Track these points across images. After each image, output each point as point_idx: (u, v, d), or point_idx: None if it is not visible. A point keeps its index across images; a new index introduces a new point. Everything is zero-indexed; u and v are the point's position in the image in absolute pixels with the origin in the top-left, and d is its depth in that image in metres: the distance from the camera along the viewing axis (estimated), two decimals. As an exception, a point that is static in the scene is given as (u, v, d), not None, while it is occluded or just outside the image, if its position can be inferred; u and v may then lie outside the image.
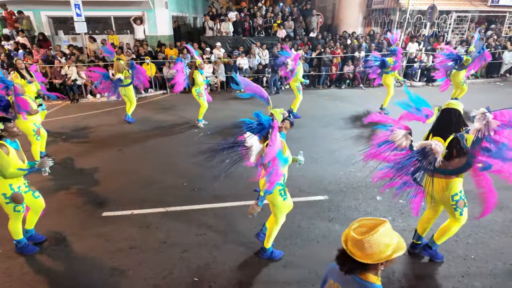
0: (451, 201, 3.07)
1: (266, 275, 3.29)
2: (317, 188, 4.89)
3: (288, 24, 13.61)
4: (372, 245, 1.49)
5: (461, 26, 14.02)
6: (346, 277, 1.64)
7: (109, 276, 3.31)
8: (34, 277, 3.31)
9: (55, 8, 11.87)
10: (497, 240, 3.72)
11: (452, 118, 2.96)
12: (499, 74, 12.84)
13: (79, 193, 4.84)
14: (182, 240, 3.82)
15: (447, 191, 3.04)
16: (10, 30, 11.65)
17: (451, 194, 3.04)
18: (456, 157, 2.86)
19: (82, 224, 4.13)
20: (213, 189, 4.91)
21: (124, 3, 12.16)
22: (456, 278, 3.21)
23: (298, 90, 7.93)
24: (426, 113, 3.05)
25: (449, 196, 3.05)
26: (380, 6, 14.64)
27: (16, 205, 3.35)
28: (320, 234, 3.87)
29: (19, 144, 3.42)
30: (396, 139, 2.96)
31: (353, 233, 1.55)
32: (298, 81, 7.88)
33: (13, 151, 3.23)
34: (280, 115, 2.97)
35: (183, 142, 6.86)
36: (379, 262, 1.52)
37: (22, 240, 3.61)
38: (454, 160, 2.87)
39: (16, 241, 3.58)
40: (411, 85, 12.00)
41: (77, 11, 9.80)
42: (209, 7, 15.02)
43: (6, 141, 3.23)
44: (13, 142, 3.31)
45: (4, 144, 3.19)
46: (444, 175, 2.98)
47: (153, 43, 12.56)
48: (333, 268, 1.79)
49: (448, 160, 2.86)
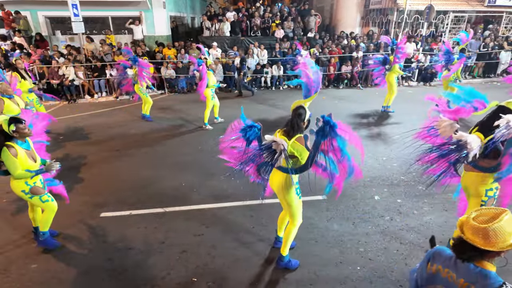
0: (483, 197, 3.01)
1: (265, 275, 3.29)
2: (314, 188, 4.88)
3: (287, 24, 13.63)
4: (497, 233, 1.51)
5: (458, 26, 14.07)
6: (460, 265, 1.65)
7: (107, 277, 3.31)
8: (32, 277, 3.30)
9: (52, 8, 11.84)
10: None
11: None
12: (496, 74, 12.91)
13: (77, 194, 4.82)
14: (181, 240, 3.82)
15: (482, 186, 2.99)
16: (7, 30, 11.60)
17: (485, 188, 2.99)
18: (491, 156, 2.83)
19: (80, 225, 4.12)
20: (211, 189, 4.92)
21: (121, 3, 12.15)
22: (454, 277, 3.23)
23: None
24: (476, 105, 2.98)
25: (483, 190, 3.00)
26: (378, 6, 14.69)
27: (40, 196, 3.40)
28: (318, 233, 3.87)
29: (30, 144, 3.41)
30: (441, 126, 2.96)
31: (475, 222, 1.56)
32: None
33: (22, 152, 3.23)
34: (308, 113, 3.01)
35: (182, 142, 6.85)
36: (502, 250, 1.54)
37: (46, 233, 3.65)
38: (487, 159, 2.85)
39: (42, 232, 3.64)
40: (408, 85, 12.05)
41: (75, 11, 9.79)
42: (207, 7, 15.02)
43: (17, 142, 3.23)
44: (23, 143, 3.30)
45: (13, 145, 3.19)
46: (479, 170, 2.95)
47: (151, 43, 12.54)
48: (439, 254, 1.78)
49: (483, 158, 2.85)
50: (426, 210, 4.31)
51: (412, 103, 9.46)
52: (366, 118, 8.15)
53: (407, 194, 4.69)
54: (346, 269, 3.34)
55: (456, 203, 4.43)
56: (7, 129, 3.14)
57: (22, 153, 3.22)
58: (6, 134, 3.17)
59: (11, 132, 3.16)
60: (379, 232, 3.89)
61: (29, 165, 3.27)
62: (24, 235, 3.93)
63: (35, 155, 3.41)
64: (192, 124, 7.89)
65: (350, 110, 8.81)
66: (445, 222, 4.05)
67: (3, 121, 3.16)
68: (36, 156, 3.42)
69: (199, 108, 9.23)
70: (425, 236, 3.80)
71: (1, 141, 3.17)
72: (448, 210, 4.30)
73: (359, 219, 4.15)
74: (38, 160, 3.42)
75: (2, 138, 3.18)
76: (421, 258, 3.44)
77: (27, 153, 3.28)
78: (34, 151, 3.42)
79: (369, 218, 4.16)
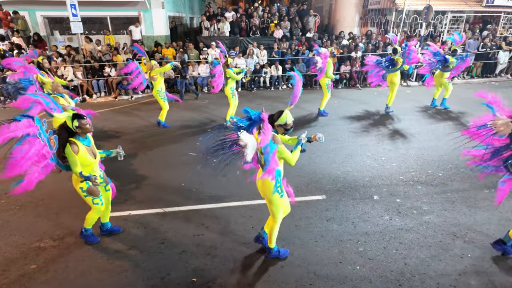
0: None
1: (265, 275, 3.30)
2: (314, 188, 4.90)
3: (285, 24, 13.63)
4: None
5: (457, 26, 14.10)
6: None
7: (107, 278, 3.30)
8: (31, 278, 3.29)
9: (50, 8, 11.81)
10: (493, 238, 3.74)
11: None
12: (494, 74, 12.95)
13: (77, 194, 4.80)
14: (180, 240, 3.81)
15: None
16: (5, 30, 11.57)
17: None
18: None
19: (80, 225, 4.10)
20: (210, 189, 4.92)
21: (120, 3, 12.13)
22: (453, 277, 3.24)
23: (328, 88, 8.08)
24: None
25: None
26: (377, 7, 14.70)
27: (93, 198, 3.44)
28: (318, 233, 3.88)
29: (91, 140, 3.43)
30: (497, 124, 2.96)
31: None
32: (328, 78, 8.03)
33: (83, 148, 3.26)
34: (285, 119, 3.06)
35: (181, 142, 6.84)
36: None
37: (89, 230, 3.74)
38: None
39: (84, 228, 3.73)
40: (407, 85, 12.06)
41: (73, 11, 9.75)
42: (206, 7, 15.02)
43: (79, 139, 3.25)
44: (84, 139, 3.32)
45: (75, 142, 3.22)
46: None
47: (150, 43, 12.53)
48: None
49: None
50: (425, 210, 4.32)
51: (411, 102, 9.48)
52: (365, 118, 8.16)
53: (406, 194, 4.70)
54: (346, 268, 3.35)
55: (454, 203, 4.45)
56: (71, 125, 3.18)
57: (83, 149, 3.25)
58: (70, 130, 3.21)
59: (74, 128, 3.19)
60: (378, 231, 3.90)
61: (89, 161, 3.31)
62: (23, 235, 3.92)
63: (95, 150, 3.44)
64: (192, 124, 7.87)
65: (349, 110, 8.82)
66: (444, 222, 4.06)
67: (67, 117, 3.20)
68: (96, 152, 3.45)
69: (199, 108, 9.24)
70: (424, 235, 3.82)
71: (65, 137, 3.22)
72: (448, 209, 4.31)
73: (358, 219, 4.15)
74: (98, 156, 3.45)
75: (66, 134, 3.22)
76: (421, 257, 3.47)
77: (87, 149, 3.31)
78: (94, 147, 3.46)
79: (368, 217, 4.17)
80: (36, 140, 3.13)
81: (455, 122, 7.73)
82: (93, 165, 3.39)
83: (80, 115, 3.23)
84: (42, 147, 3.17)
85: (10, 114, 9.41)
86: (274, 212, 3.28)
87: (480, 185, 4.88)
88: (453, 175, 5.21)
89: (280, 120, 3.07)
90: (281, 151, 2.99)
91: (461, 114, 8.34)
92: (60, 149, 3.24)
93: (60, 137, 3.24)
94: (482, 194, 4.66)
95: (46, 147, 3.18)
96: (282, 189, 3.22)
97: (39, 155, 3.14)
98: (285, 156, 3.04)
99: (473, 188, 4.82)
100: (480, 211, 4.27)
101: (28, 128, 3.12)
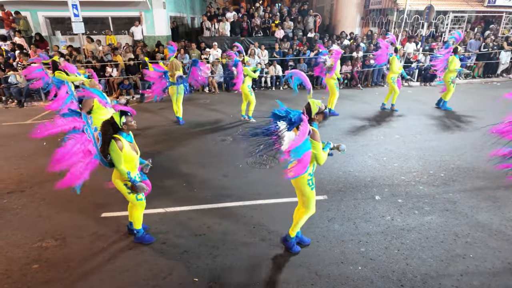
0: None
1: (266, 275, 3.30)
2: (316, 188, 4.87)
3: (288, 24, 13.63)
4: None
5: (458, 26, 14.08)
6: None
7: (108, 277, 3.31)
8: (32, 278, 3.30)
9: (52, 8, 11.84)
10: (495, 239, 3.74)
11: None
12: (496, 74, 12.93)
13: (78, 194, 4.81)
14: (182, 240, 3.82)
15: None
16: (7, 30, 11.61)
17: None
18: None
19: (81, 225, 4.12)
20: (212, 189, 4.92)
21: (121, 3, 12.15)
22: (455, 277, 3.23)
23: (336, 86, 8.10)
24: None
25: None
26: (378, 7, 14.69)
27: (137, 194, 3.46)
28: (319, 233, 3.87)
29: (132, 136, 3.45)
30: None
31: None
32: (335, 78, 8.06)
33: (127, 145, 3.27)
34: (316, 106, 3.11)
35: (182, 142, 6.85)
36: None
37: (140, 230, 3.73)
38: None
39: (136, 230, 3.73)
40: (408, 85, 12.05)
41: (75, 11, 9.78)
42: (207, 7, 15.03)
43: (122, 135, 3.27)
44: (128, 135, 3.35)
45: (120, 138, 3.23)
46: None
47: (151, 43, 12.54)
48: None
49: None
50: (427, 210, 4.31)
51: (412, 102, 9.47)
52: (367, 118, 8.15)
53: (408, 194, 4.69)
54: (347, 269, 3.34)
55: (456, 203, 4.45)
56: (118, 121, 3.19)
57: (127, 145, 3.27)
58: (115, 126, 3.22)
59: (121, 124, 3.20)
60: (380, 232, 3.90)
61: (133, 156, 3.33)
62: (25, 235, 3.93)
63: (136, 147, 3.45)
64: (192, 124, 7.88)
65: (350, 110, 8.81)
66: (446, 222, 4.05)
67: (114, 114, 3.22)
68: (137, 149, 3.46)
69: (199, 108, 9.25)
70: (426, 236, 3.81)
71: (110, 133, 3.23)
72: (449, 210, 4.31)
73: (360, 219, 4.15)
74: (139, 152, 3.46)
75: (112, 130, 3.24)
76: (423, 258, 3.46)
77: (130, 146, 3.33)
78: (135, 143, 3.47)
79: (370, 218, 4.16)
80: (82, 136, 3.16)
81: (457, 122, 7.72)
82: (135, 160, 3.39)
83: (127, 112, 3.25)
84: (88, 143, 3.20)
85: (12, 114, 9.45)
86: (307, 204, 3.38)
87: (482, 185, 4.87)
88: (455, 176, 5.20)
89: (314, 109, 3.12)
90: (318, 147, 3.07)
91: (462, 114, 8.33)
92: (104, 146, 3.25)
93: (105, 133, 3.24)
94: (484, 194, 4.65)
95: (92, 143, 3.20)
96: (313, 182, 3.33)
97: (84, 151, 3.17)
98: (318, 153, 3.09)
99: (475, 189, 4.81)
100: (482, 212, 4.26)
101: (74, 123, 3.15)
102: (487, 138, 4.13)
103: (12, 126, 8.03)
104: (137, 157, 3.42)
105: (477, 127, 7.18)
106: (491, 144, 3.28)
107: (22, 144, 6.79)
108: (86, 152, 3.17)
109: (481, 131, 7.02)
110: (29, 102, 10.23)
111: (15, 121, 8.40)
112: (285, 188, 4.91)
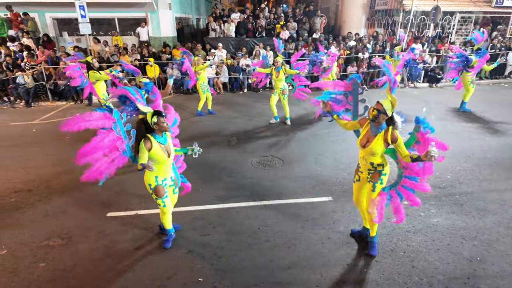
0: None
1: (271, 276, 3.29)
2: (321, 189, 4.88)
3: (291, 25, 13.62)
4: None
5: (465, 27, 13.97)
6: None
7: (114, 277, 3.32)
8: (39, 276, 3.33)
9: (59, 9, 11.97)
10: (502, 242, 3.70)
11: None
12: (504, 75, 12.79)
13: (84, 194, 4.86)
14: (186, 240, 3.83)
15: None
16: (16, 31, 11.75)
17: None
18: None
19: (87, 225, 4.15)
20: (217, 190, 4.93)
21: (128, 4, 12.24)
22: (462, 280, 3.20)
23: None
24: None
25: None
26: (384, 7, 14.62)
27: (156, 198, 3.45)
28: (324, 235, 3.86)
29: (168, 138, 3.40)
30: None
31: None
32: (330, 78, 8.18)
33: (156, 145, 3.23)
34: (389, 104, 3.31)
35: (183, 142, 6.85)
36: None
37: (169, 230, 3.74)
38: None
39: (166, 230, 3.75)
40: (414, 86, 11.97)
41: (82, 12, 9.86)
42: (212, 8, 15.08)
43: (154, 136, 3.25)
44: (160, 137, 3.30)
45: (150, 139, 3.21)
46: None
47: (157, 44, 12.61)
48: None
49: None
50: (433, 212, 4.27)
51: (418, 104, 9.40)
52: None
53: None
54: (353, 270, 3.33)
55: (462, 205, 4.40)
56: (150, 120, 3.21)
57: (156, 146, 3.23)
58: (148, 126, 3.24)
59: (152, 123, 3.20)
60: (385, 234, 3.87)
61: (162, 159, 3.29)
62: (32, 234, 3.97)
63: (169, 149, 3.40)
64: (194, 124, 7.90)
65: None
66: (452, 225, 4.01)
67: (148, 113, 3.24)
68: (171, 151, 3.41)
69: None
70: (432, 238, 3.78)
71: (143, 132, 3.25)
72: (456, 212, 4.26)
73: (365, 220, 4.12)
74: (172, 154, 3.42)
75: (144, 129, 3.25)
76: (429, 260, 3.43)
77: (161, 147, 3.29)
78: (170, 145, 3.42)
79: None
80: (110, 132, 3.17)
81: (463, 123, 7.64)
82: (166, 163, 3.37)
83: (160, 112, 3.24)
84: (116, 140, 3.22)
85: (19, 114, 9.54)
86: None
87: (489, 187, 4.82)
88: (462, 178, 5.15)
89: (389, 110, 3.31)
90: (401, 144, 3.28)
91: (470, 115, 8.25)
92: (136, 143, 3.27)
93: (138, 131, 3.27)
94: (491, 196, 4.60)
95: (121, 141, 3.22)
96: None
97: (111, 146, 3.18)
98: (401, 149, 3.27)
99: (482, 191, 4.76)
100: (489, 214, 4.21)
101: (104, 120, 3.17)
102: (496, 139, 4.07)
103: (19, 126, 8.12)
104: (168, 161, 3.36)
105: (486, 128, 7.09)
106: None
107: (29, 143, 6.86)
108: (112, 148, 3.19)
109: (490, 132, 6.96)
110: (36, 102, 10.35)
111: (22, 121, 8.49)
112: (289, 189, 4.91)
